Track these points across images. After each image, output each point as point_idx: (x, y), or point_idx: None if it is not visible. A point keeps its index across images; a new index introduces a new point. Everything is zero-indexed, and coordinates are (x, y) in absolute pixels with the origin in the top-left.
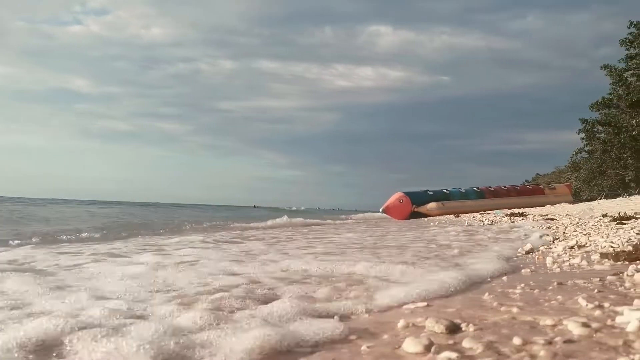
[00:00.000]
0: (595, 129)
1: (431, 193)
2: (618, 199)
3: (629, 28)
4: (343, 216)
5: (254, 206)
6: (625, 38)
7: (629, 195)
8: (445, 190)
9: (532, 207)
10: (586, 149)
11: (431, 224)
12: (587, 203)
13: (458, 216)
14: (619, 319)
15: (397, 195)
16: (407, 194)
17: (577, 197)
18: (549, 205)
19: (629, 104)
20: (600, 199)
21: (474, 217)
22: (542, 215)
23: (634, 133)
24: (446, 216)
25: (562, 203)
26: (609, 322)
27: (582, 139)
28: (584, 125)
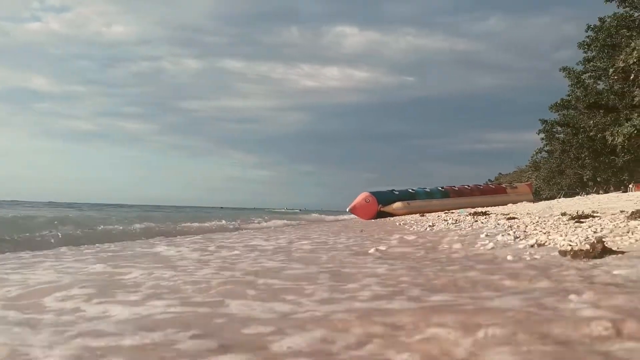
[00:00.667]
0: (555, 130)
1: (397, 193)
2: (576, 197)
3: (587, 31)
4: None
5: (221, 207)
6: (583, 41)
7: (587, 193)
8: (410, 190)
9: (494, 205)
10: (546, 149)
11: (401, 223)
12: (547, 202)
13: (423, 215)
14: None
15: (363, 195)
16: (373, 193)
17: (537, 196)
18: (510, 204)
19: (586, 105)
20: (559, 198)
21: (438, 216)
22: (504, 214)
23: (591, 134)
24: (412, 215)
25: (524, 202)
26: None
27: (542, 139)
28: (543, 125)
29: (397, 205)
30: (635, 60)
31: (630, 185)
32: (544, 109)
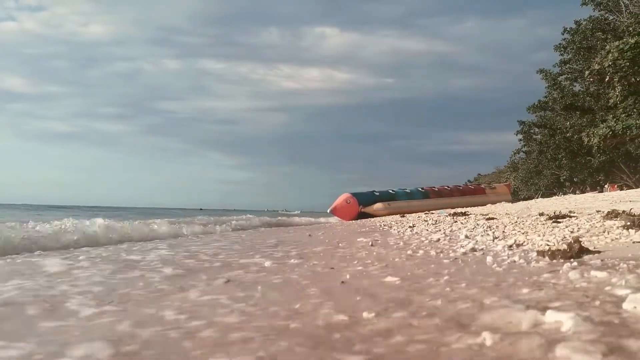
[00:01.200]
0: (532, 131)
1: (377, 194)
2: (554, 197)
3: (563, 34)
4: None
5: (200, 209)
6: (560, 44)
7: (564, 194)
8: (391, 191)
9: (474, 206)
10: (524, 149)
11: (381, 223)
12: (525, 202)
13: (404, 216)
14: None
15: (344, 196)
16: (354, 194)
17: (515, 196)
18: (490, 205)
19: (563, 107)
20: (537, 198)
21: (419, 216)
22: (483, 215)
23: (567, 135)
24: (392, 216)
25: (502, 202)
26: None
27: (520, 140)
28: (521, 127)
29: (378, 206)
30: (610, 62)
31: (606, 186)
32: (521, 110)
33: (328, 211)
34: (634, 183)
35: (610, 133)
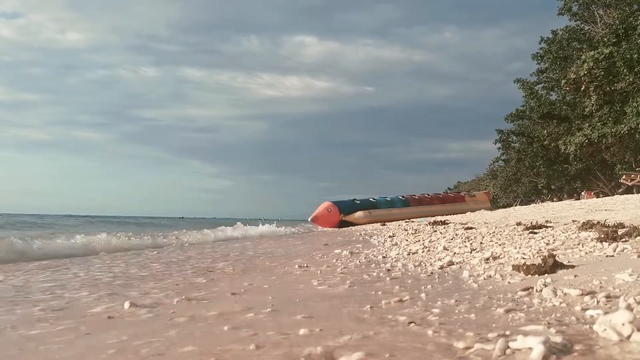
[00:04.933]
0: (510, 139)
1: (358, 202)
2: (532, 205)
3: (540, 43)
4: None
5: (181, 217)
6: (537, 53)
7: (542, 201)
8: (372, 199)
9: (454, 214)
10: (502, 157)
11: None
12: (504, 210)
13: (384, 224)
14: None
15: (325, 204)
16: (335, 203)
17: (495, 204)
18: (469, 212)
19: (540, 116)
20: (515, 206)
21: (399, 225)
22: (462, 224)
23: (545, 143)
24: (372, 225)
25: (482, 210)
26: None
27: (499, 148)
28: (499, 135)
29: (359, 214)
30: (585, 72)
31: (583, 193)
32: (499, 119)
33: (309, 219)
34: (610, 190)
35: (587, 141)
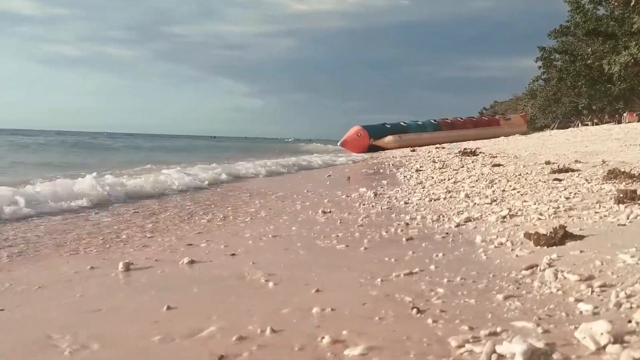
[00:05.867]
0: (553, 57)
1: (389, 126)
2: (569, 130)
3: None
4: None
5: (213, 137)
6: None
7: (581, 122)
8: (403, 123)
9: (487, 138)
10: (543, 76)
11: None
12: (539, 135)
13: (414, 150)
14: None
15: (355, 128)
16: (365, 127)
17: (532, 124)
18: (503, 137)
19: (585, 32)
20: (553, 128)
21: (429, 152)
22: (491, 156)
23: (588, 61)
24: (402, 150)
25: (516, 135)
26: None
27: (540, 66)
28: (541, 52)
29: (389, 139)
30: None
31: (625, 114)
32: (542, 35)
33: (338, 144)
34: None
35: (632, 60)
